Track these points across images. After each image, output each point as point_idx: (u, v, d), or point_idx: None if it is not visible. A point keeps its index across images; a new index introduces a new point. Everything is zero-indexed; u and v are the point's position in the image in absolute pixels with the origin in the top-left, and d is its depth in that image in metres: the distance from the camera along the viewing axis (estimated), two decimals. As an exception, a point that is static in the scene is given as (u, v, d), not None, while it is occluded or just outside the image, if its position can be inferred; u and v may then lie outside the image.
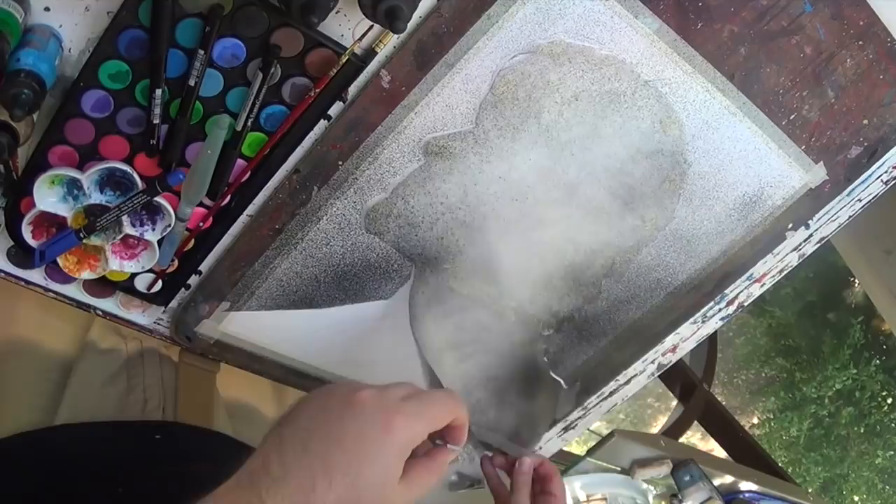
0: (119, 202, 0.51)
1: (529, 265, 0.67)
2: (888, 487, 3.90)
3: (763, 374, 4.09)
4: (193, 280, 0.61)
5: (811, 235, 0.72)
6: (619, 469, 1.05)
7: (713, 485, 1.08)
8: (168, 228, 0.54)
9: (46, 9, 0.45)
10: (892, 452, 3.84)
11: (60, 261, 0.54)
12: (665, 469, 1.05)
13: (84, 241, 0.52)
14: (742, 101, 0.60)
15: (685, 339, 0.78)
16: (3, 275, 0.56)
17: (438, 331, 0.67)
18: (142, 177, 0.52)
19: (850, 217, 0.71)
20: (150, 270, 0.57)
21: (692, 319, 0.76)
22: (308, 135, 0.54)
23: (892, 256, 1.28)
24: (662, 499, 1.11)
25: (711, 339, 1.90)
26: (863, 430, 3.86)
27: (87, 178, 0.51)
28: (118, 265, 0.55)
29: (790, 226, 0.70)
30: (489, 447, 0.71)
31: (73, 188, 0.52)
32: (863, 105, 0.62)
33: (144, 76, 0.48)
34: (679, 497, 1.06)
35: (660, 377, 0.90)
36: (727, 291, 0.74)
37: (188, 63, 0.48)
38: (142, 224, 0.54)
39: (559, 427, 0.83)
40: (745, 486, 1.24)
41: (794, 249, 0.73)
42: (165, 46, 0.47)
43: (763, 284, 0.75)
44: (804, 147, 0.64)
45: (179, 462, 0.58)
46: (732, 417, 1.87)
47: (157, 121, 0.49)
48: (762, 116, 0.61)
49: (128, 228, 0.53)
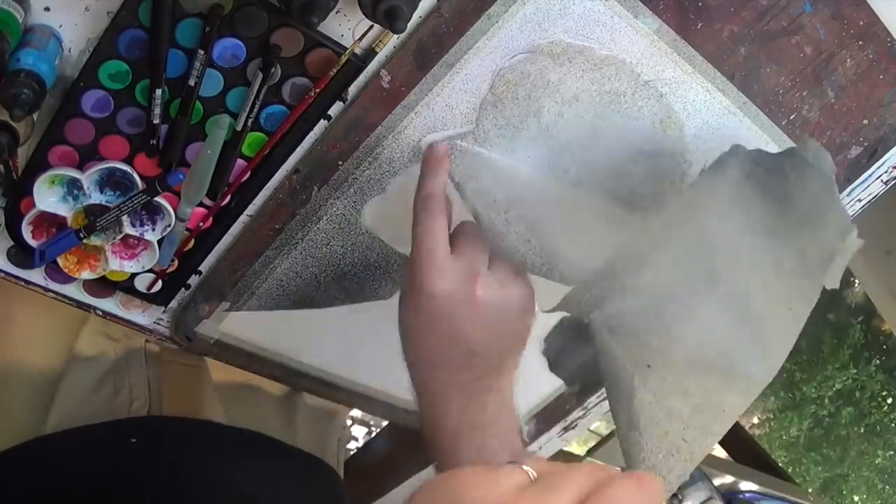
0: (119, 202, 0.51)
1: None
2: (888, 487, 3.90)
3: (763, 374, 4.08)
4: (193, 280, 0.61)
5: (811, 235, 0.72)
6: (620, 469, 1.05)
7: (713, 485, 1.08)
8: (168, 228, 0.54)
9: (46, 9, 0.45)
10: (892, 452, 3.84)
11: (60, 261, 0.54)
12: (665, 469, 1.05)
13: (84, 241, 0.52)
14: (742, 101, 0.60)
15: (685, 339, 0.78)
16: (3, 275, 0.56)
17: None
18: (142, 177, 0.52)
19: (850, 217, 0.71)
20: (150, 270, 0.57)
21: (692, 319, 0.75)
22: (308, 135, 0.54)
23: (892, 256, 1.28)
24: (662, 499, 1.11)
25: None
26: (863, 430, 3.86)
27: (87, 178, 0.51)
28: (118, 265, 0.55)
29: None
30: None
31: (73, 188, 0.52)
32: (863, 105, 0.62)
33: (144, 76, 0.48)
34: (679, 497, 1.06)
35: (660, 377, 0.90)
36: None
37: (188, 63, 0.48)
38: (142, 224, 0.54)
39: (559, 427, 0.84)
40: (745, 486, 1.24)
41: (794, 249, 0.73)
42: (165, 46, 0.47)
43: (763, 284, 0.75)
44: (804, 147, 0.64)
45: (158, 458, 0.59)
46: (732, 417, 1.87)
47: (157, 121, 0.49)
48: (762, 116, 0.61)
49: (128, 228, 0.53)
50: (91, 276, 0.55)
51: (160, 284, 0.59)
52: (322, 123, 0.54)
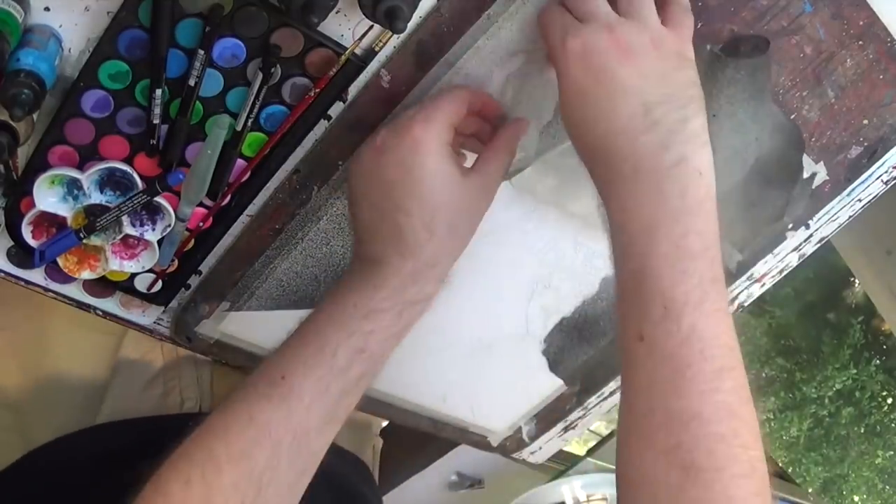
0: (119, 202, 0.51)
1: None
2: (888, 487, 3.90)
3: (763, 374, 4.09)
4: (193, 280, 0.61)
5: (811, 235, 0.72)
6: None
7: (713, 485, 1.08)
8: (168, 228, 0.54)
9: (46, 9, 0.45)
10: (892, 452, 3.84)
11: (60, 261, 0.54)
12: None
13: (84, 241, 0.52)
14: (742, 101, 0.60)
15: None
16: (3, 275, 0.56)
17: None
18: (142, 177, 0.52)
19: (850, 217, 0.71)
20: (150, 270, 0.57)
21: (692, 319, 0.75)
22: (308, 135, 0.54)
23: (893, 256, 1.28)
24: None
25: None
26: (863, 430, 3.86)
27: (87, 178, 0.51)
28: (118, 265, 0.55)
29: (790, 226, 0.70)
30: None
31: (73, 188, 0.52)
32: (863, 105, 0.62)
33: (144, 76, 0.48)
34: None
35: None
36: (727, 291, 0.74)
37: (188, 63, 0.48)
38: (142, 224, 0.54)
39: (559, 427, 0.84)
40: (746, 486, 1.24)
41: (794, 249, 0.73)
42: (165, 46, 0.47)
43: (763, 284, 0.75)
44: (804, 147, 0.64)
45: None
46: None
47: (157, 121, 0.50)
48: (762, 116, 0.61)
49: (128, 228, 0.53)
50: (91, 276, 0.55)
51: (160, 284, 0.59)
52: (322, 123, 0.54)
